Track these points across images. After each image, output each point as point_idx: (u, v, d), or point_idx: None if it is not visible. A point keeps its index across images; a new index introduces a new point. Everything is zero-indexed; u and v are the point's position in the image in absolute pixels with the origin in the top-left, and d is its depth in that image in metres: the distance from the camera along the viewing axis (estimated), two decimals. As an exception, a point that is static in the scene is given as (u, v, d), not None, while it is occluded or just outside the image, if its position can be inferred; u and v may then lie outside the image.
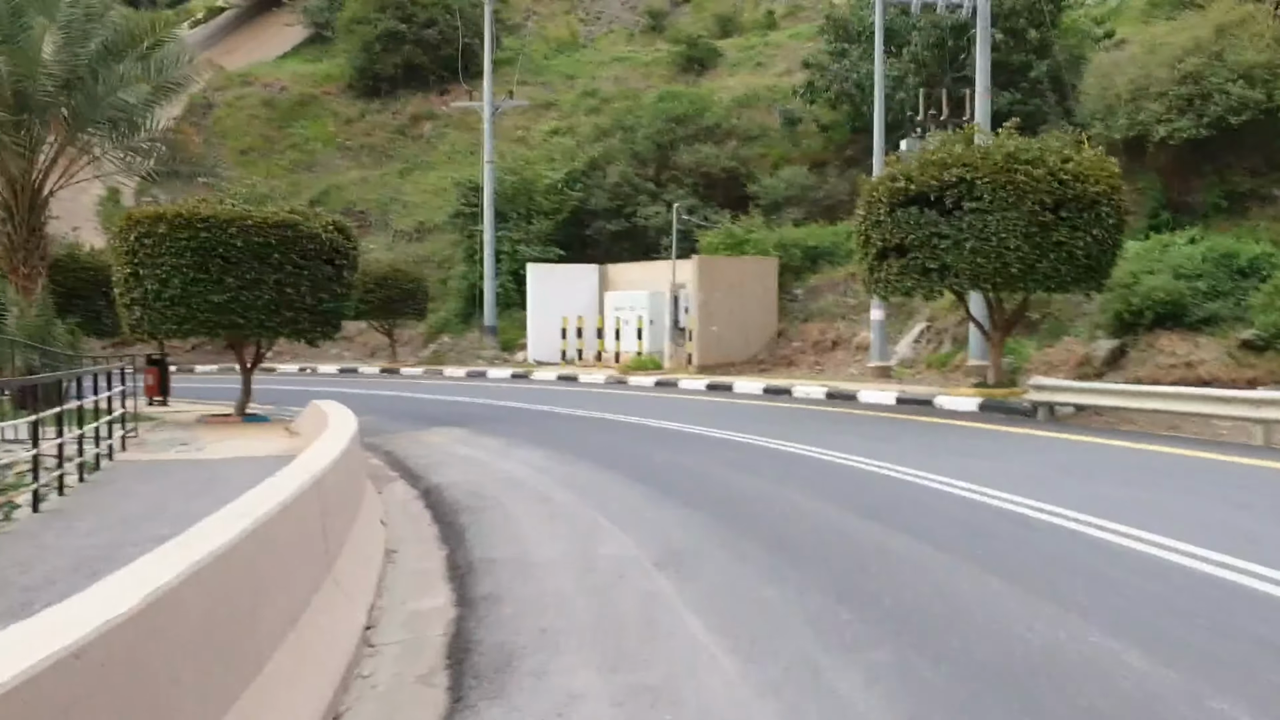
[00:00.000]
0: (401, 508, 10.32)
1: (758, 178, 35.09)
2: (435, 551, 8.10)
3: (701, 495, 9.79)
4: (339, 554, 6.31)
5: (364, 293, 32.61)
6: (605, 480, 11.07)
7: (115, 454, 12.83)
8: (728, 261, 29.00)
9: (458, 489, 10.82)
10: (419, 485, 11.54)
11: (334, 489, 6.46)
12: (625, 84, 45.61)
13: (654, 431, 15.59)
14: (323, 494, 5.94)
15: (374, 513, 8.88)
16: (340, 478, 6.83)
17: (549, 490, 10.47)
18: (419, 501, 10.60)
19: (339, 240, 16.58)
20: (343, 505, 6.91)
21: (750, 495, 9.75)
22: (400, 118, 49.06)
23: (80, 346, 20.34)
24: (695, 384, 24.32)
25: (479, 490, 10.66)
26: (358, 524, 7.64)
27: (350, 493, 7.57)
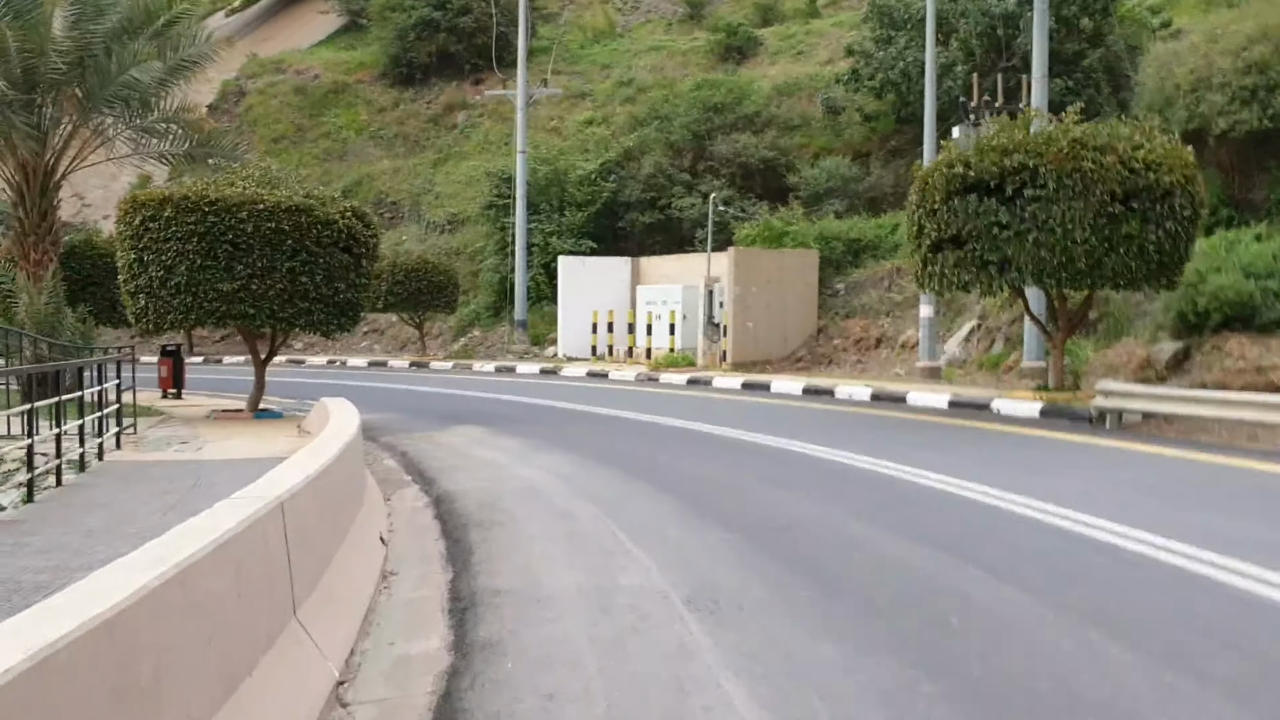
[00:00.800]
0: (409, 519, 9.32)
1: (798, 168, 33.89)
2: (438, 575, 7.08)
3: (738, 514, 8.70)
4: (313, 589, 5.29)
5: (393, 284, 31.89)
6: (630, 492, 10.01)
7: (108, 453, 11.93)
8: (766, 254, 27.84)
9: (470, 498, 9.80)
10: (431, 492, 10.54)
11: (309, 513, 5.44)
12: (662, 73, 44.47)
13: (685, 435, 14.51)
14: (292, 520, 4.93)
15: (373, 528, 7.87)
16: (320, 499, 5.81)
17: (568, 502, 9.43)
18: (429, 511, 9.59)
19: (357, 227, 15.61)
20: (323, 529, 5.90)
21: (795, 516, 8.64)
22: (433, 107, 48.21)
23: (93, 336, 19.52)
24: (730, 382, 23.21)
25: (493, 500, 9.63)
26: (346, 546, 6.63)
27: (337, 511, 6.57)
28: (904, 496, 9.51)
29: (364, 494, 8.43)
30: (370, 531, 7.69)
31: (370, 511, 8.28)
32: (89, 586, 3.01)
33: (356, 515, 7.50)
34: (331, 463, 6.45)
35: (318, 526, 5.71)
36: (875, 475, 10.64)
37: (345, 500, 7.18)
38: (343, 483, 7.13)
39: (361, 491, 8.38)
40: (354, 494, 7.73)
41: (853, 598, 6.11)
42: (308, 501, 5.39)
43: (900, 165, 34.24)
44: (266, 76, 52.07)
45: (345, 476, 7.34)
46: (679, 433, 14.78)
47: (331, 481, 6.42)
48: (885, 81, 33.59)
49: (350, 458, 7.63)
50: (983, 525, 8.23)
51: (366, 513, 8.01)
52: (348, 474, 7.51)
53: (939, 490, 9.72)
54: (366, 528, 7.67)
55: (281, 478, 5.35)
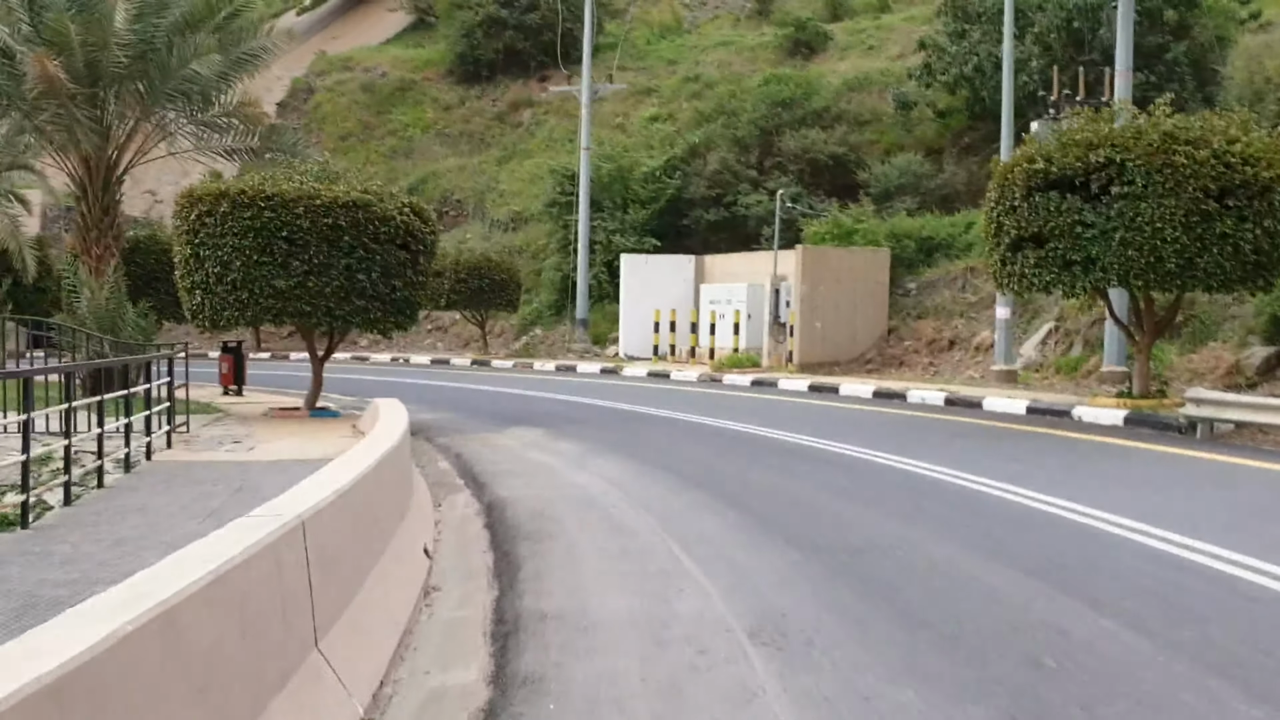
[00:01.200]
0: (458, 528, 8.88)
1: (868, 165, 33.05)
2: (483, 593, 6.61)
3: (808, 532, 8.10)
4: (341, 614, 4.83)
5: (455, 282, 31.67)
6: (691, 504, 9.46)
7: (157, 452, 11.67)
8: (835, 252, 27.09)
9: (522, 506, 9.34)
10: (482, 498, 10.10)
11: (338, 530, 4.99)
12: (729, 69, 43.81)
13: (750, 441, 13.92)
14: (316, 540, 4.47)
15: (417, 539, 7.42)
16: (352, 512, 5.36)
17: (624, 514, 8.91)
18: (479, 519, 9.15)
19: (415, 224, 15.24)
20: (355, 545, 5.44)
21: (871, 535, 8.03)
22: (499, 104, 48.05)
23: (154, 332, 19.42)
24: (796, 384, 22.55)
25: (545, 509, 9.15)
26: (386, 560, 6.18)
27: (375, 524, 6.12)
28: (987, 513, 8.85)
29: (409, 501, 8.00)
30: (414, 543, 7.25)
31: (415, 520, 7.84)
32: (38, 639, 2.54)
33: (399, 526, 7.06)
34: (368, 472, 6.00)
35: (349, 543, 5.26)
36: (954, 488, 9.97)
37: (385, 511, 6.74)
38: (382, 493, 6.69)
39: (407, 499, 7.95)
40: (397, 503, 7.29)
41: (936, 632, 5.51)
42: (336, 518, 4.93)
43: (974, 162, 33.27)
44: (335, 74, 52.32)
45: (387, 485, 6.90)
46: (743, 438, 14.21)
47: (368, 492, 5.98)
48: (959, 76, 32.67)
49: (393, 465, 7.19)
50: (1075, 548, 7.56)
51: (411, 522, 7.57)
52: (390, 481, 7.07)
53: (1024, 506, 9.04)
54: (410, 539, 7.22)
55: (307, 492, 4.90)
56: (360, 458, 6.31)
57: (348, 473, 5.50)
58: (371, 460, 6.20)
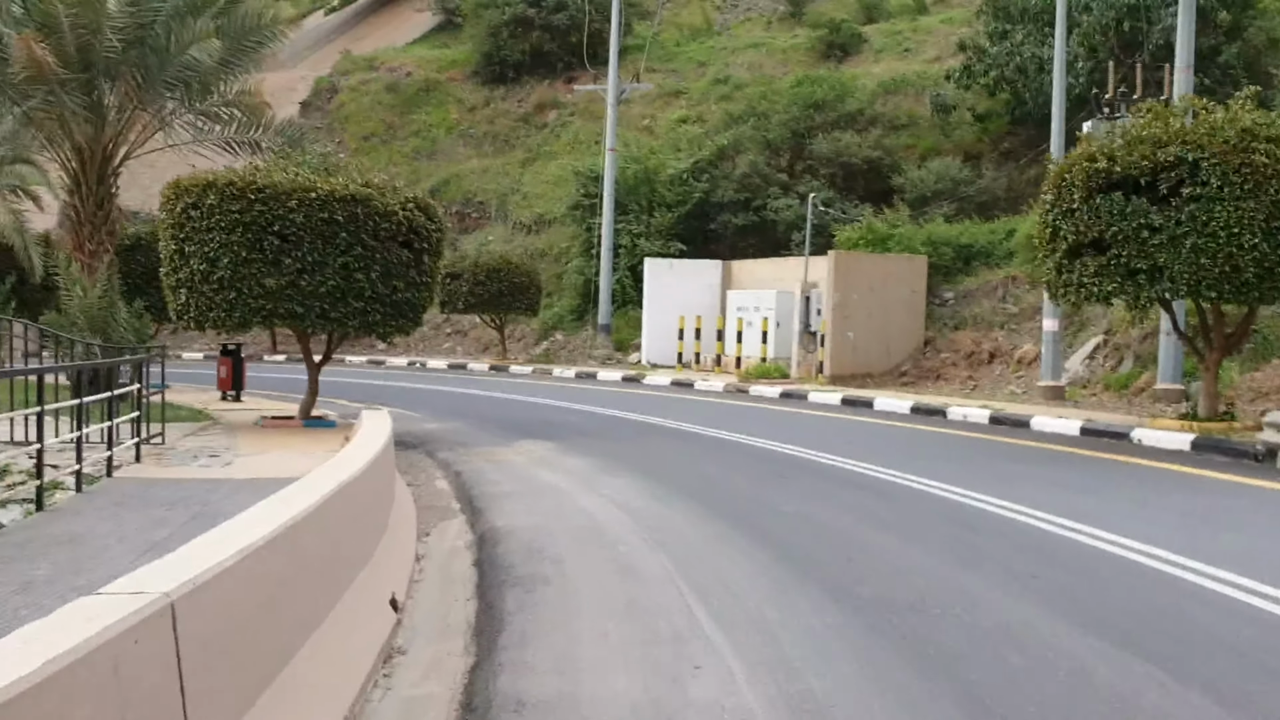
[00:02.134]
0: (443, 565, 7.72)
1: (903, 169, 31.78)
2: (455, 659, 5.43)
3: (849, 580, 6.86)
4: (245, 713, 3.65)
5: (474, 285, 30.61)
6: (712, 538, 8.24)
7: (126, 466, 10.58)
8: (869, 259, 25.80)
9: (519, 540, 8.15)
10: (477, 527, 8.94)
11: (247, 601, 3.81)
12: (760, 71, 42.59)
13: (780, 460, 12.67)
14: (196, 626, 3.30)
15: (384, 586, 6.24)
16: (273, 571, 4.18)
17: (634, 551, 7.70)
18: (469, 555, 7.98)
19: (419, 220, 14.10)
20: (275, 618, 4.26)
21: (923, 585, 6.78)
22: (524, 105, 47.00)
23: (149, 334, 18.40)
24: (827, 397, 21.27)
25: (545, 544, 7.96)
26: (331, 624, 5.00)
27: (316, 579, 4.94)
28: (1056, 558, 7.57)
29: (378, 540, 6.82)
30: (379, 592, 6.06)
31: (387, 561, 6.66)
32: None
33: (359, 574, 5.88)
34: (310, 514, 4.83)
35: (267, 613, 4.08)
36: (1013, 525, 8.70)
37: (341, 555, 5.57)
38: (338, 532, 5.52)
39: (376, 536, 6.78)
40: (359, 543, 6.12)
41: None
42: (243, 585, 3.75)
43: (1013, 168, 31.99)
44: (359, 74, 51.53)
45: (344, 522, 5.73)
46: (772, 457, 12.96)
47: (309, 538, 4.81)
48: (999, 78, 31.45)
49: (355, 497, 6.02)
50: (1166, 606, 6.30)
51: (379, 565, 6.40)
52: (349, 517, 5.90)
53: (1097, 550, 7.76)
54: (374, 587, 6.04)
55: (202, 552, 3.72)
56: (303, 494, 5.13)
57: (258, 528, 4.31)
58: (316, 498, 5.02)
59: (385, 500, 7.63)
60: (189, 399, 19.43)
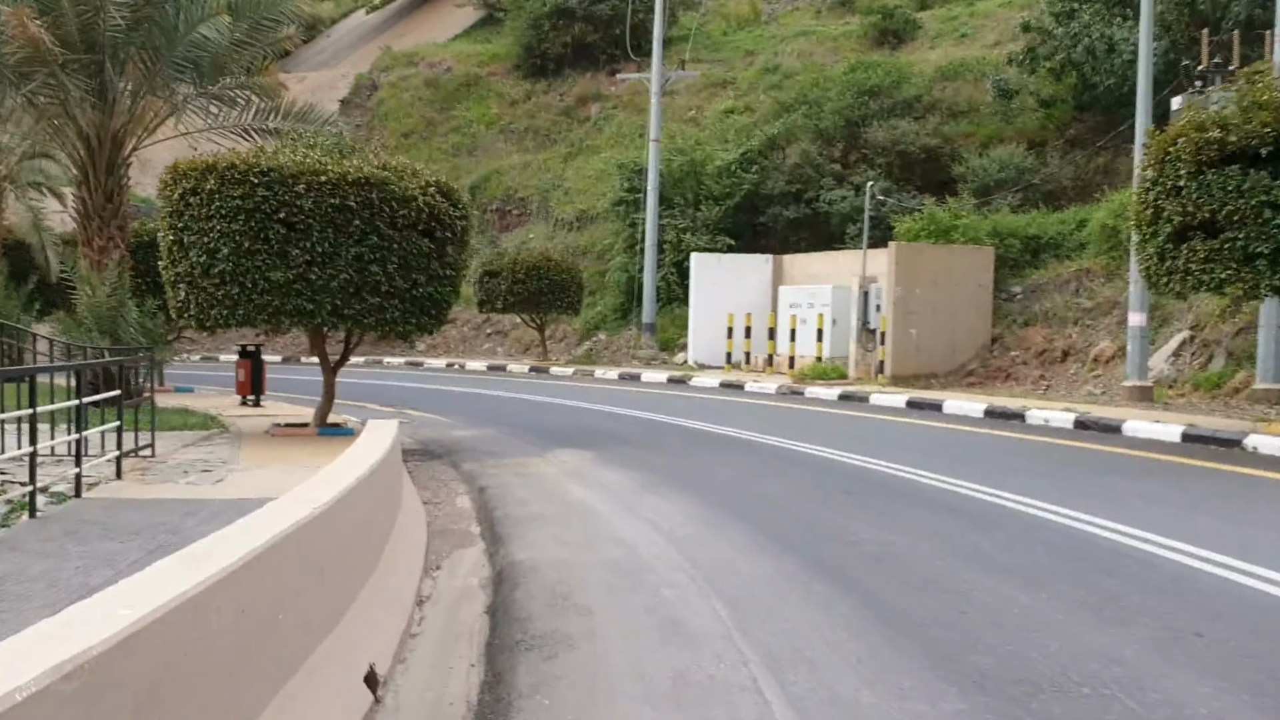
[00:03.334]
0: (449, 611, 6.30)
1: (963, 158, 30.03)
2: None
3: (962, 645, 5.28)
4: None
5: (513, 283, 29.29)
6: (777, 578, 6.72)
7: (99, 484, 9.28)
8: (933, 251, 24.11)
9: (542, 581, 6.70)
10: (496, 559, 7.51)
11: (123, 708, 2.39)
12: (810, 60, 40.89)
13: (847, 474, 11.12)
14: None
15: (360, 654, 4.81)
16: (178, 655, 2.75)
17: (681, 597, 6.21)
18: (482, 596, 6.57)
19: (441, 206, 12.69)
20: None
21: (1064, 656, 5.18)
22: (566, 99, 45.68)
23: (162, 335, 17.22)
24: (890, 399, 19.64)
25: (573, 588, 6.50)
26: (281, 704, 3.57)
27: (260, 650, 3.51)
28: (1213, 605, 5.98)
29: (363, 585, 5.39)
30: (350, 664, 4.63)
31: (365, 619, 5.22)
32: None
33: (322, 642, 4.44)
34: (237, 569, 3.40)
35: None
36: (1147, 560, 7.10)
37: (299, 617, 4.14)
38: (288, 589, 4.09)
39: (358, 580, 5.34)
40: (324, 599, 4.67)
41: None
42: (107, 692, 2.32)
43: (1080, 155, 30.12)
44: (399, 70, 50.59)
45: (298, 575, 4.30)
46: (837, 470, 11.42)
47: (244, 601, 3.38)
48: (1065, 61, 29.59)
49: (318, 541, 4.58)
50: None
51: (354, 625, 4.96)
52: (308, 568, 4.47)
53: (1265, 596, 6.17)
54: (346, 655, 4.61)
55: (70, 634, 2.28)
56: (236, 542, 3.70)
57: (181, 580, 2.88)
58: (243, 550, 3.59)
59: (376, 534, 6.21)
60: (208, 404, 18.24)
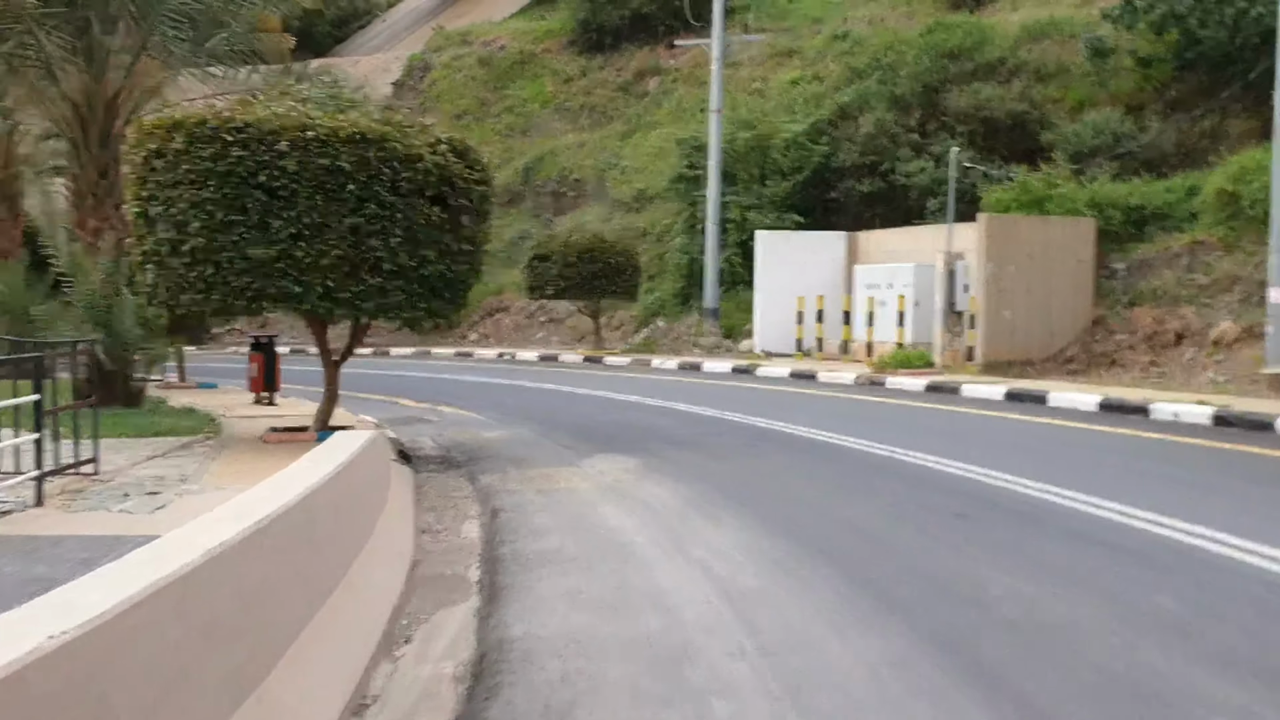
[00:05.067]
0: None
1: (1053, 124, 27.37)
2: None
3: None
4: None
5: (563, 267, 27.30)
6: (887, 673, 4.53)
7: (14, 514, 7.38)
8: (1028, 223, 21.58)
9: (538, 677, 4.58)
10: (485, 629, 5.42)
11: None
12: (882, 25, 38.24)
13: (954, 491, 8.85)
14: None
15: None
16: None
17: (748, 713, 4.07)
18: (449, 700, 4.47)
19: (455, 167, 10.60)
20: None
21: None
22: (624, 74, 43.51)
23: (161, 328, 15.38)
24: (985, 390, 17.25)
25: (583, 693, 4.37)
26: None
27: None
28: None
29: (251, 690, 3.32)
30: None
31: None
32: None
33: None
34: None
35: None
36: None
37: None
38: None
39: (249, 680, 3.27)
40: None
41: None
42: None
43: (1184, 118, 27.26)
44: (452, 50, 48.85)
45: (148, 664, 2.23)
46: (940, 483, 9.16)
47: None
48: (1168, 14, 26.72)
49: (197, 607, 2.51)
50: None
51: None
52: (159, 653, 2.40)
53: None
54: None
55: None
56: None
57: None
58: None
59: (299, 594, 4.14)
60: (222, 402, 16.49)
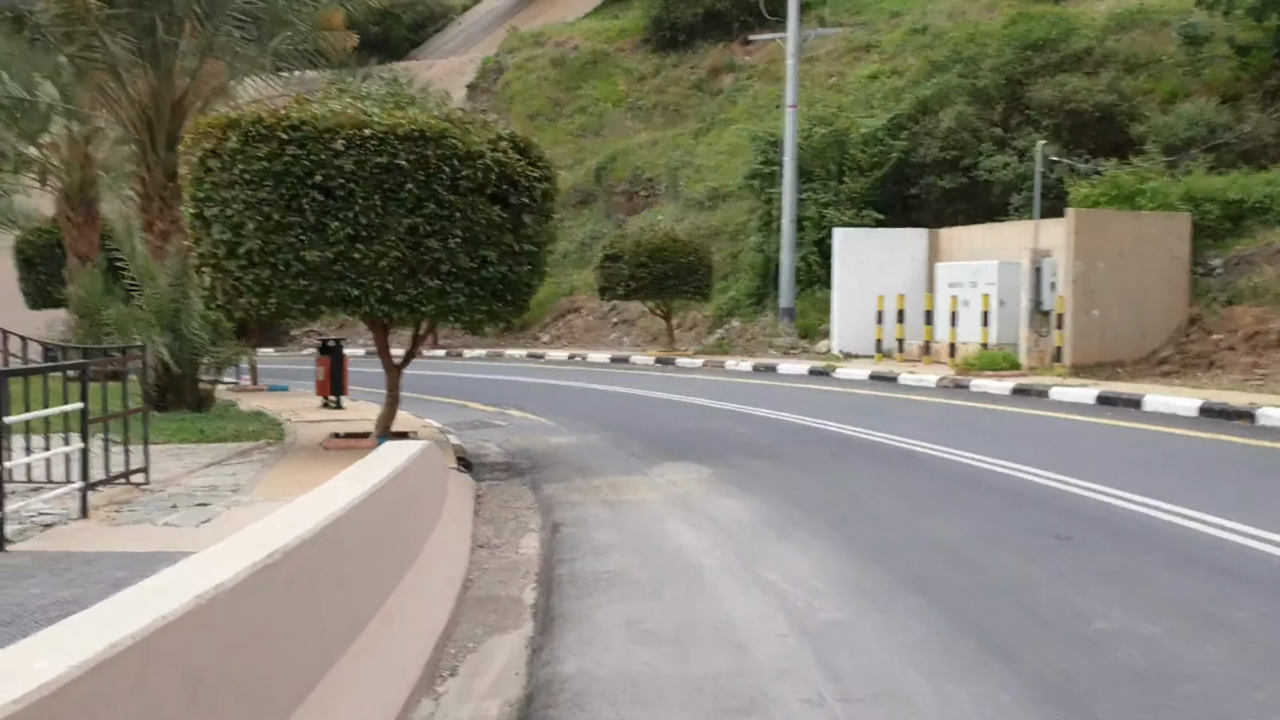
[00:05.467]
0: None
1: (1144, 115, 26.20)
2: None
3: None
4: None
5: (634, 267, 26.89)
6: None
7: (57, 526, 7.12)
8: (1119, 219, 20.60)
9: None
10: (536, 663, 4.96)
11: None
12: (963, 19, 37.18)
13: (1054, 507, 8.17)
14: None
15: None
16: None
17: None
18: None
19: (515, 165, 10.20)
20: None
21: None
22: (697, 71, 43.03)
23: (229, 332, 15.25)
24: (1074, 394, 16.40)
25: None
26: None
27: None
28: None
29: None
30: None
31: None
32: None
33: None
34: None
35: None
36: None
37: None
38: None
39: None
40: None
41: None
42: None
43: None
44: (525, 51, 48.80)
45: None
46: (1035, 498, 8.48)
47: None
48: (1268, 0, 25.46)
49: (204, 649, 2.09)
50: None
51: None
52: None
53: None
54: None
55: None
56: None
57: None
58: None
59: (329, 628, 3.72)
60: (291, 405, 16.37)
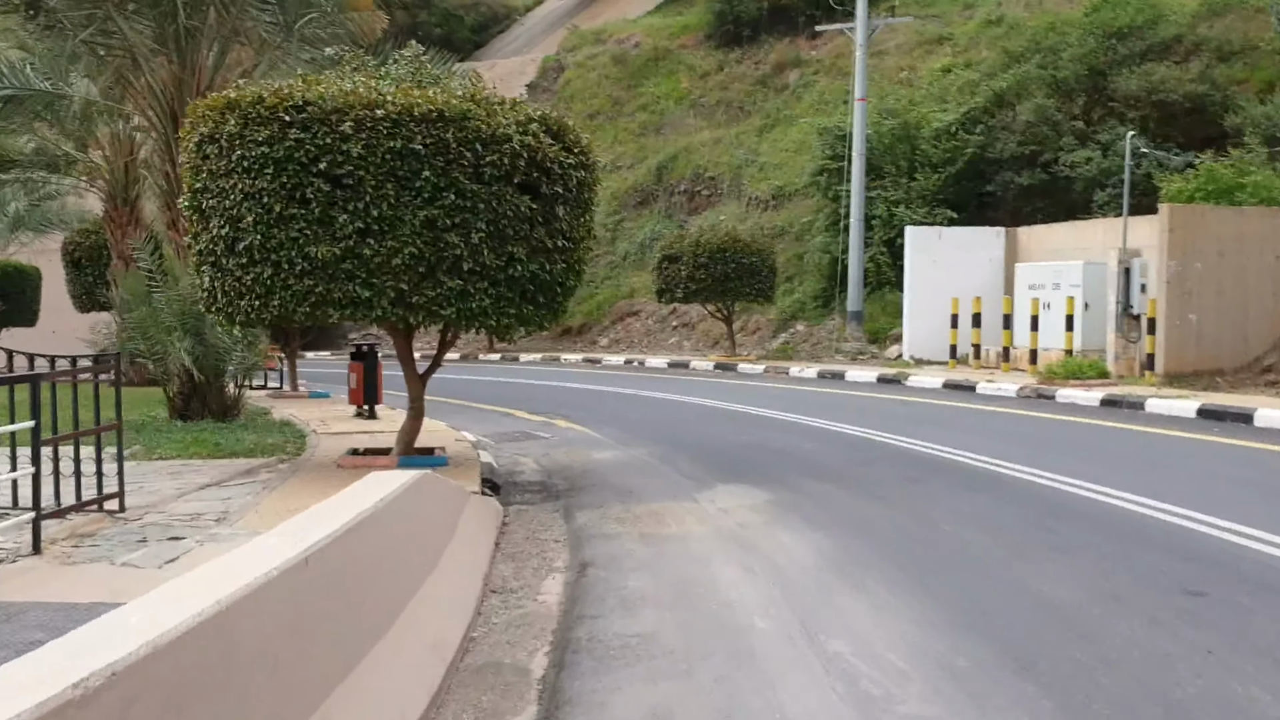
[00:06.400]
0: None
1: (1239, 106, 24.43)
2: None
3: None
4: None
5: (694, 269, 25.70)
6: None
7: (4, 563, 6.13)
8: (1217, 215, 18.94)
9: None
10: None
11: None
12: (1040, 8, 35.42)
13: (1178, 551, 6.82)
14: None
15: None
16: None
17: None
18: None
19: (547, 150, 9.07)
20: None
21: None
22: (762, 67, 41.71)
23: (256, 335, 14.35)
24: (1172, 406, 14.88)
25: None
26: None
27: None
28: None
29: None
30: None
31: None
32: None
33: None
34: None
35: None
36: None
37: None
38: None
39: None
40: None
41: None
42: None
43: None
44: (586, 49, 47.93)
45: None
46: (1152, 538, 7.14)
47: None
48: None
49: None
50: None
51: None
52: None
53: None
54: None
55: None
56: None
57: None
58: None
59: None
60: (320, 414, 15.49)
